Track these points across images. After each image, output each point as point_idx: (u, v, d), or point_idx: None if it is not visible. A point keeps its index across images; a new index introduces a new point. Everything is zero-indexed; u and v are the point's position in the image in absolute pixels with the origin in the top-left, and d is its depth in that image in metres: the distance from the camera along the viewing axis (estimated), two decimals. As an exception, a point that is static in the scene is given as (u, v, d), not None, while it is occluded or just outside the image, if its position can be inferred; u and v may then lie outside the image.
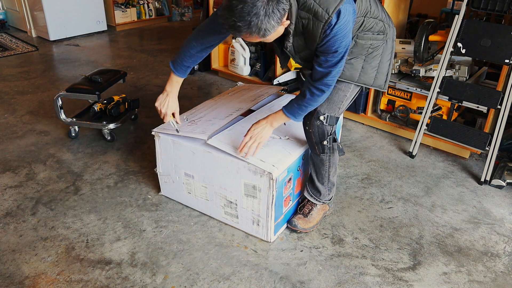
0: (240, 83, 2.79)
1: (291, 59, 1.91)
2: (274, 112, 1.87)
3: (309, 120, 1.89)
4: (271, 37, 1.56)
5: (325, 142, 1.91)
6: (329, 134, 1.90)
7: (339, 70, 1.69)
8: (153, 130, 2.17)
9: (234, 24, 1.42)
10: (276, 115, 1.85)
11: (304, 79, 2.11)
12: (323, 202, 2.11)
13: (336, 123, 1.91)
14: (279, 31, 1.57)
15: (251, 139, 1.84)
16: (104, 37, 5.52)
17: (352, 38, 1.72)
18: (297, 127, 2.13)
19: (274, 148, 2.00)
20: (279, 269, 1.88)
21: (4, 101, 3.51)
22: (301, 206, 2.14)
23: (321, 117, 1.86)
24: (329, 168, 2.00)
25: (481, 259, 1.98)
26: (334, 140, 1.93)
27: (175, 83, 1.99)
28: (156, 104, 1.97)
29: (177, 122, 2.04)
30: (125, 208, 2.25)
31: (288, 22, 1.59)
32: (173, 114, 2.03)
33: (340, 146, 1.99)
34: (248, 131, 1.86)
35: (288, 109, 1.81)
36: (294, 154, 2.01)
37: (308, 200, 2.12)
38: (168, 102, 2.00)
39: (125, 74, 3.10)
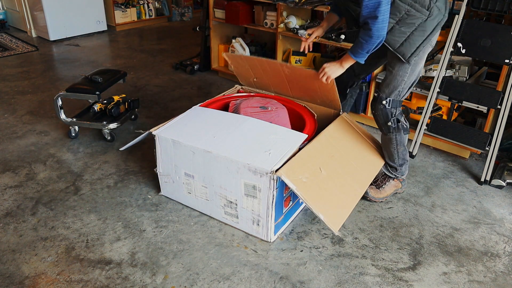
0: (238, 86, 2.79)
1: None
2: (344, 55, 2.12)
3: (374, 105, 2.18)
4: None
5: (389, 123, 2.16)
6: (392, 115, 2.14)
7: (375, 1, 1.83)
8: (152, 131, 2.17)
9: None
10: (344, 57, 2.08)
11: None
12: (396, 176, 2.34)
13: (399, 106, 2.14)
14: None
15: (323, 73, 2.14)
16: (104, 37, 5.52)
17: None
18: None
19: (276, 148, 2.00)
20: (279, 269, 1.88)
21: (4, 101, 3.51)
22: (376, 179, 2.37)
23: (384, 102, 2.12)
24: (397, 146, 2.24)
25: (481, 259, 1.98)
26: (398, 121, 2.15)
27: (328, 18, 2.37)
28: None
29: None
30: (125, 208, 2.25)
31: None
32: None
33: (405, 125, 2.18)
34: (321, 68, 2.16)
35: (351, 49, 2.02)
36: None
37: (384, 174, 2.37)
38: (316, 28, 2.38)
39: (125, 74, 3.10)
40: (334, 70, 2.13)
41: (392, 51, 2.00)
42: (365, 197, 2.30)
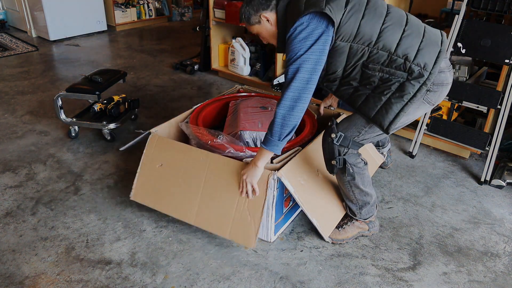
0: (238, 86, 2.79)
1: None
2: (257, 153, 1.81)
3: (324, 135, 1.88)
4: (259, 30, 1.84)
5: (333, 162, 1.84)
6: (339, 154, 1.82)
7: (294, 88, 1.62)
8: (152, 131, 2.17)
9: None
10: (258, 154, 1.79)
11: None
12: (358, 219, 2.03)
13: (350, 147, 1.81)
14: (266, 26, 1.81)
15: (244, 184, 1.83)
16: (104, 37, 5.52)
17: (357, 66, 1.69)
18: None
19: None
20: (279, 269, 1.88)
21: (4, 101, 3.51)
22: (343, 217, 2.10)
23: (332, 135, 1.81)
24: (351, 188, 1.92)
25: (481, 259, 1.98)
26: (346, 162, 1.81)
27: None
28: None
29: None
30: (125, 208, 2.25)
31: (270, 17, 1.78)
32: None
33: (351, 170, 1.82)
34: (240, 181, 1.85)
35: (264, 141, 1.74)
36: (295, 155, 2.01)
37: (347, 214, 2.09)
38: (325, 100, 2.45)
39: (125, 74, 3.10)
40: (253, 175, 1.79)
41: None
42: (321, 237, 2.02)
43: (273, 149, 1.72)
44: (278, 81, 3.58)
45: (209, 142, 2.02)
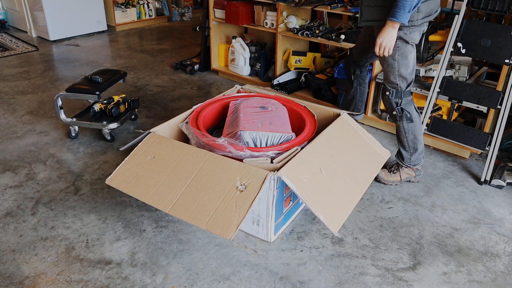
0: (238, 86, 2.79)
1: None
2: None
3: (381, 95, 2.34)
4: None
5: (394, 112, 2.31)
6: (397, 105, 2.28)
7: None
8: (152, 131, 2.17)
9: None
10: (386, 27, 2.04)
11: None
12: (407, 166, 2.44)
13: (403, 96, 2.25)
14: None
15: (380, 47, 2.11)
16: (104, 37, 5.53)
17: None
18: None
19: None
20: (279, 269, 1.88)
21: (4, 101, 3.51)
22: (390, 165, 2.52)
23: (387, 93, 2.27)
24: (406, 134, 2.35)
25: (481, 259, 1.98)
26: (403, 110, 2.28)
27: None
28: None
29: None
30: (125, 208, 2.25)
31: None
32: None
33: (408, 115, 2.28)
34: (375, 44, 2.13)
35: (391, 14, 1.99)
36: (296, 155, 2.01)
37: (396, 161, 2.50)
38: None
39: (125, 74, 3.10)
40: (390, 38, 2.07)
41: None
42: (376, 179, 2.46)
43: (403, 20, 1.99)
44: (278, 81, 3.58)
45: (210, 141, 2.02)
